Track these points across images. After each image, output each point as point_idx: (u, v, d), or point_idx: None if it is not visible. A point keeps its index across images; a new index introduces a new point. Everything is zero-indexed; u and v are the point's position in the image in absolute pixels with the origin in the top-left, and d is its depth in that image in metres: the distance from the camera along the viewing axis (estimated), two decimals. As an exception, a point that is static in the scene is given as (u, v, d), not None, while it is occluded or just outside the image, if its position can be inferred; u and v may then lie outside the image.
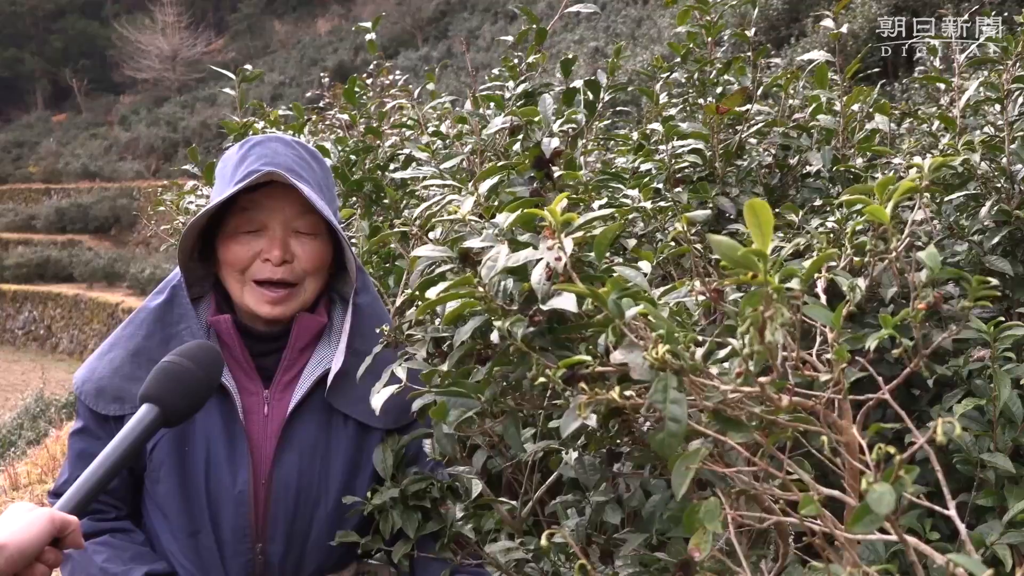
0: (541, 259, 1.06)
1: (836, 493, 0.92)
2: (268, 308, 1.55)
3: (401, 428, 1.62)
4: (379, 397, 1.30)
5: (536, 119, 1.88)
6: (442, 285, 1.16)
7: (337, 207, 1.64)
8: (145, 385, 1.34)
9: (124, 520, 1.59)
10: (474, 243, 1.22)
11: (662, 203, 2.06)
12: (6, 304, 24.11)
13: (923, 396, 1.74)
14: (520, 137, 2.04)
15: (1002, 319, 1.49)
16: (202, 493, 1.53)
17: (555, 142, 1.61)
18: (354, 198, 2.68)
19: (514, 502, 1.74)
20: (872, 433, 0.95)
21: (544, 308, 1.05)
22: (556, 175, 1.58)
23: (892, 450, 0.77)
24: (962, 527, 0.81)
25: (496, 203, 1.46)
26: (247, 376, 1.58)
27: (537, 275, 1.05)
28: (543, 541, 1.00)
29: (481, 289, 1.12)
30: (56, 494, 1.56)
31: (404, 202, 2.62)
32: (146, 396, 1.33)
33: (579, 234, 1.09)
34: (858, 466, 0.93)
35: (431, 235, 1.54)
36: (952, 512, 0.81)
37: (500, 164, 1.61)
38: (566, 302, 1.01)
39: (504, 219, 1.19)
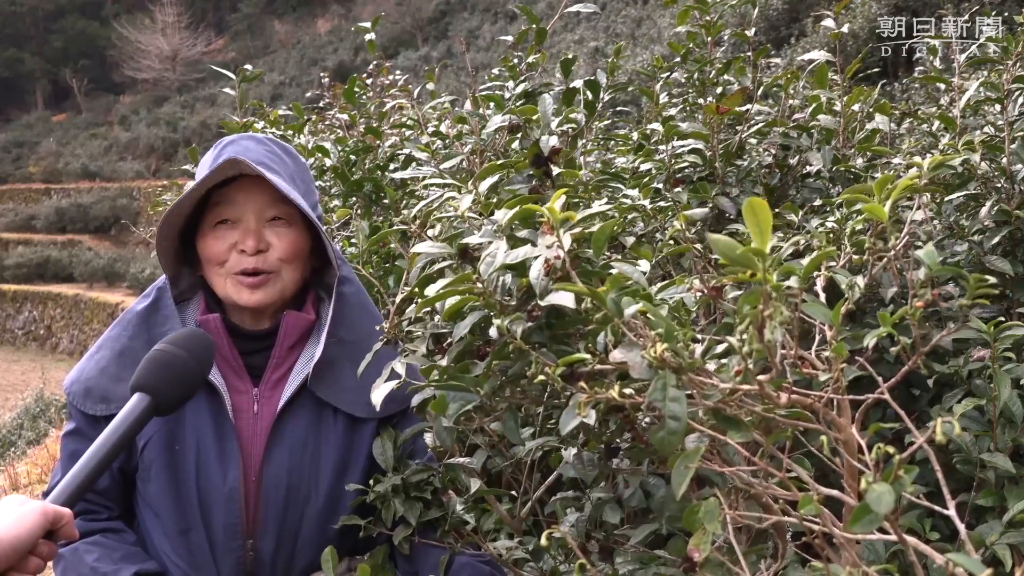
0: (540, 255, 1.06)
1: (835, 493, 0.92)
2: (248, 294, 1.56)
3: (391, 418, 1.63)
4: (379, 393, 1.30)
5: (535, 117, 1.87)
6: (442, 282, 1.16)
7: (316, 200, 1.65)
8: (136, 374, 1.33)
9: (116, 520, 1.60)
10: (473, 239, 1.22)
11: (662, 203, 2.06)
12: (6, 304, 24.11)
13: (923, 396, 1.74)
14: (519, 136, 2.04)
15: (1002, 319, 1.49)
16: (193, 491, 1.54)
17: (553, 140, 1.61)
18: (354, 198, 2.68)
19: (513, 492, 1.74)
20: (871, 433, 0.95)
21: (543, 304, 1.05)
22: (555, 173, 1.58)
23: (891, 450, 0.77)
24: (961, 527, 0.81)
25: (496, 200, 1.46)
26: (236, 374, 1.59)
27: (536, 271, 1.05)
28: (543, 540, 1.00)
29: (480, 285, 1.12)
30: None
31: (404, 202, 2.62)
32: (137, 385, 1.32)
33: (578, 230, 1.09)
34: (857, 465, 0.93)
35: (430, 232, 1.54)
36: (952, 512, 0.81)
37: (500, 163, 1.61)
38: (564, 298, 1.01)
39: (503, 215, 1.19)
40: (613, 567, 1.30)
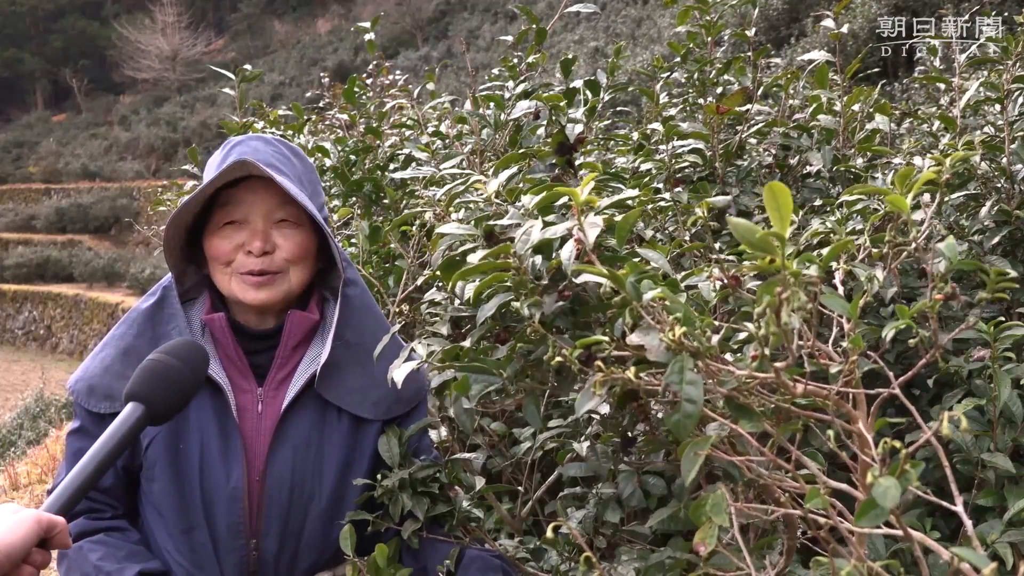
0: (572, 236, 1.06)
1: (843, 486, 0.92)
2: (253, 293, 1.56)
3: (395, 419, 1.63)
4: (400, 372, 1.29)
5: (561, 105, 1.87)
6: (480, 253, 1.16)
7: (323, 201, 1.65)
8: (130, 384, 1.33)
9: (120, 519, 1.61)
10: (501, 221, 1.22)
11: (662, 203, 2.06)
12: (6, 304, 24.10)
13: (923, 396, 1.74)
14: (544, 123, 2.04)
15: (1002, 319, 1.49)
16: (196, 490, 1.54)
17: (579, 128, 1.61)
18: (354, 198, 2.68)
19: (519, 488, 1.74)
20: (877, 429, 0.95)
21: (577, 282, 1.06)
22: (577, 162, 1.58)
23: (898, 444, 0.77)
24: (968, 522, 0.81)
25: (520, 187, 1.46)
26: (241, 374, 1.59)
27: (567, 252, 1.06)
28: (548, 533, 1.00)
29: (514, 260, 1.12)
30: None
31: (404, 202, 2.62)
32: (131, 395, 1.32)
33: (606, 215, 1.10)
34: (868, 460, 0.93)
35: (453, 216, 1.54)
36: (959, 508, 0.81)
37: (520, 151, 1.61)
38: (597, 277, 1.02)
39: (529, 200, 1.19)
40: (616, 564, 1.30)
